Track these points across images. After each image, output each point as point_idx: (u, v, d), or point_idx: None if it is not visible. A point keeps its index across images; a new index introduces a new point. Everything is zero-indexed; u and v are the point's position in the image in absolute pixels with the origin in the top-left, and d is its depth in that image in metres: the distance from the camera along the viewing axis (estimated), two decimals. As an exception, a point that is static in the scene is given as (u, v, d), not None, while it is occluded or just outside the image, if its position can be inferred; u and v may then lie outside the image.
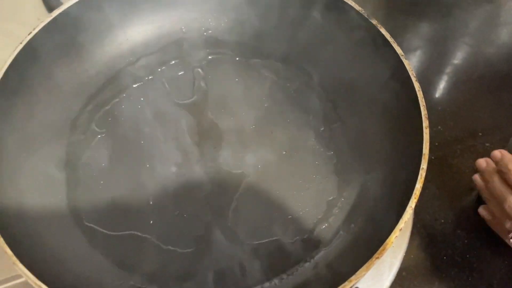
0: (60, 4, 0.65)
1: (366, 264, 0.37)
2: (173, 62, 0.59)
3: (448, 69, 0.71)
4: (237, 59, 0.59)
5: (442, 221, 0.57)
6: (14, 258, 0.37)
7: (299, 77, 0.58)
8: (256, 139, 0.54)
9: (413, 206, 0.40)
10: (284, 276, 0.46)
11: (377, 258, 0.37)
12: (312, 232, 0.48)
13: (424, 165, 0.41)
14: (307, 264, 0.46)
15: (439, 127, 0.64)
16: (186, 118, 0.55)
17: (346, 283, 0.36)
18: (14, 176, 0.46)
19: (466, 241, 0.55)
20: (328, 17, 0.54)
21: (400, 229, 0.39)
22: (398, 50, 0.47)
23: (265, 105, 0.57)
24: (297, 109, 0.56)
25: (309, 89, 0.57)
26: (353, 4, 0.51)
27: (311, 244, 0.47)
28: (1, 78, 0.46)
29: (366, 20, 0.50)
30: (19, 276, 0.47)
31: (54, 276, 0.38)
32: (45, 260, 0.41)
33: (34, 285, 0.36)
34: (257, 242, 0.48)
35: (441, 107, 0.66)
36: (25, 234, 0.42)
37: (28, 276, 0.36)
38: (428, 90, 0.68)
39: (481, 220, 0.54)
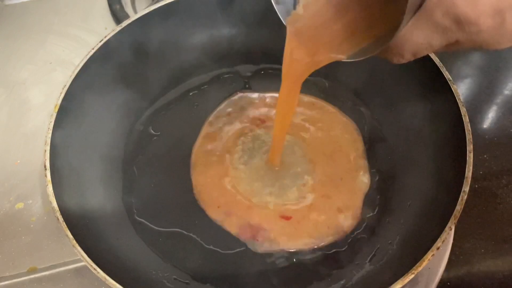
0: (127, 16, 0.71)
1: (402, 278, 0.38)
2: (227, 75, 0.63)
3: (498, 99, 0.70)
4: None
5: (483, 250, 0.56)
6: (74, 242, 0.41)
7: (345, 94, 0.60)
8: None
9: (453, 227, 0.41)
10: (321, 285, 0.47)
11: (413, 273, 0.38)
12: (350, 245, 0.49)
13: (466, 188, 0.42)
14: (343, 276, 0.47)
15: (485, 156, 0.63)
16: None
17: (381, 294, 0.37)
18: (77, 173, 0.50)
19: (506, 273, 0.55)
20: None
21: (438, 248, 0.39)
22: (447, 75, 0.48)
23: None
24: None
25: (356, 107, 0.59)
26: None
27: (349, 256, 0.48)
28: (74, 79, 0.51)
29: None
30: (76, 261, 0.52)
31: (106, 261, 0.41)
32: (99, 247, 0.44)
33: (89, 266, 0.39)
34: (295, 250, 0.49)
35: (488, 136, 0.66)
36: (83, 224, 0.46)
37: (84, 257, 0.40)
38: (476, 118, 0.67)
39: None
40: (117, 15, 0.74)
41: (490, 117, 0.68)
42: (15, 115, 0.65)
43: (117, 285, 0.38)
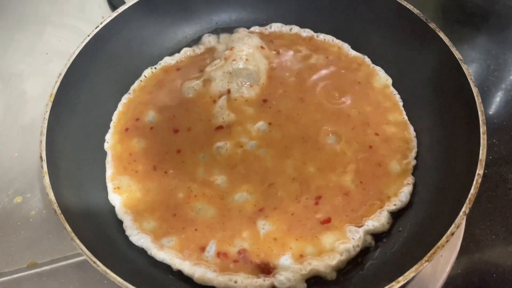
0: (123, 3, 0.70)
1: (416, 266, 0.36)
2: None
3: (505, 83, 0.69)
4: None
5: (494, 237, 0.55)
6: (73, 234, 0.39)
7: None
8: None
9: (467, 211, 0.39)
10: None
11: (427, 261, 0.37)
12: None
13: (480, 170, 0.40)
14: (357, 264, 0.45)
15: (494, 140, 0.62)
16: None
17: (394, 283, 0.36)
18: (75, 164, 0.49)
19: (518, 259, 0.53)
20: (388, 20, 0.55)
21: (452, 234, 0.38)
22: (457, 54, 0.47)
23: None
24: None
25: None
26: (411, 8, 0.51)
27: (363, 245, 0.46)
28: (70, 67, 0.50)
29: (425, 24, 0.49)
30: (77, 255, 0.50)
31: (107, 254, 0.40)
32: (99, 240, 0.43)
33: (89, 260, 0.38)
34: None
35: (497, 120, 0.64)
36: (82, 216, 0.45)
37: (84, 251, 0.39)
38: (483, 103, 0.65)
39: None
40: (114, 3, 0.72)
41: (498, 101, 0.67)
42: (12, 108, 0.64)
43: (118, 278, 0.37)
